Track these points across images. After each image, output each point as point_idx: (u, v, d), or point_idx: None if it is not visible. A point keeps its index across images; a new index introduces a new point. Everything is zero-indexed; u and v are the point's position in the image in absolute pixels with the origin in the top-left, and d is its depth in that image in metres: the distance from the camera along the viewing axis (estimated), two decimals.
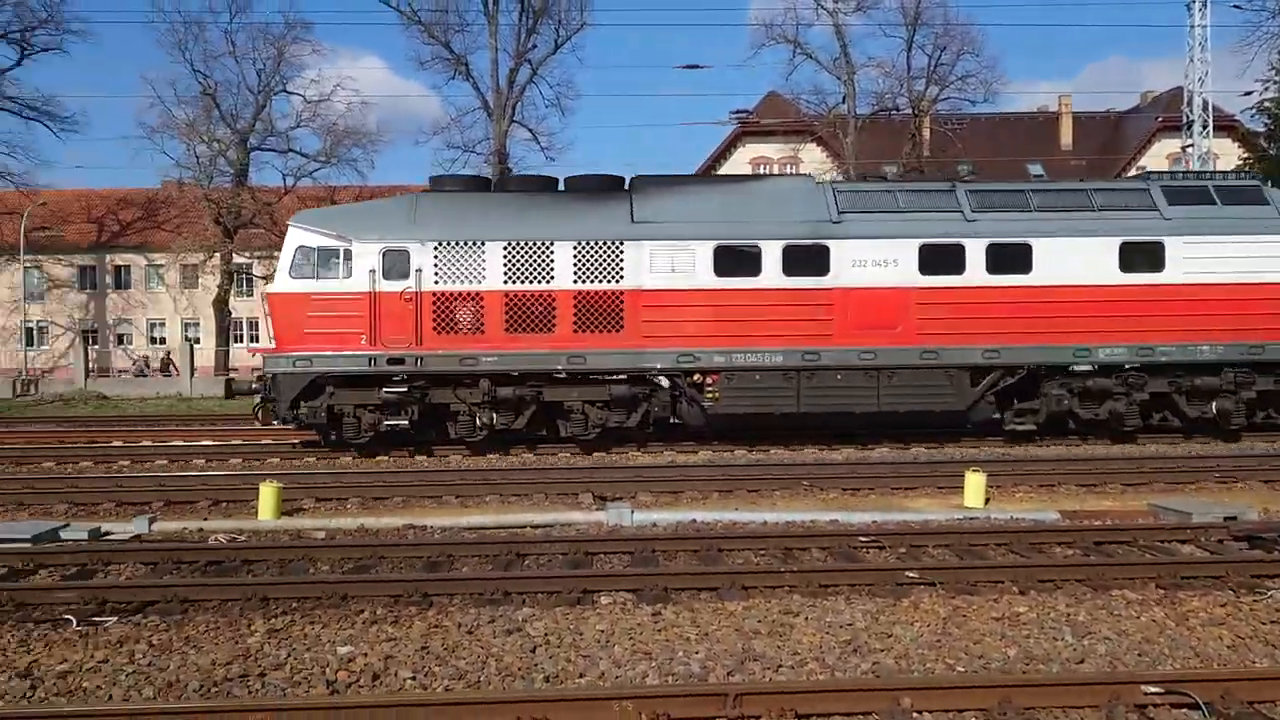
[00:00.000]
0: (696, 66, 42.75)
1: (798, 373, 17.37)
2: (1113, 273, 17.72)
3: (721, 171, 50.22)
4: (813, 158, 45.85)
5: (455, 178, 19.47)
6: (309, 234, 17.42)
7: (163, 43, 69.89)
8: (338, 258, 17.17)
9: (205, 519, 11.85)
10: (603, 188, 18.38)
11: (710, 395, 17.62)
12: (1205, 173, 20.74)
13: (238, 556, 9.70)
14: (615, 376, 17.41)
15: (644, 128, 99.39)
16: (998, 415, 18.33)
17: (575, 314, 17.26)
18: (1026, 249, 17.65)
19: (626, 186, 18.34)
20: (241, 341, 50.62)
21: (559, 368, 17.28)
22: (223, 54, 44.11)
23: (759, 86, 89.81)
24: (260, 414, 17.75)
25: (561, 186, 18.62)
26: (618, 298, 17.28)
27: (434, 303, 17.14)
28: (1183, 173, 20.62)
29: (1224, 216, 18.07)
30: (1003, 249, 17.63)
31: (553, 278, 17.25)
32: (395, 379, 17.09)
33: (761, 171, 50.33)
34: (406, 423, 17.17)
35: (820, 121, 43.71)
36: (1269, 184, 20.22)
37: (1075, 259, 17.65)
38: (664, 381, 17.68)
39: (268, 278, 30.86)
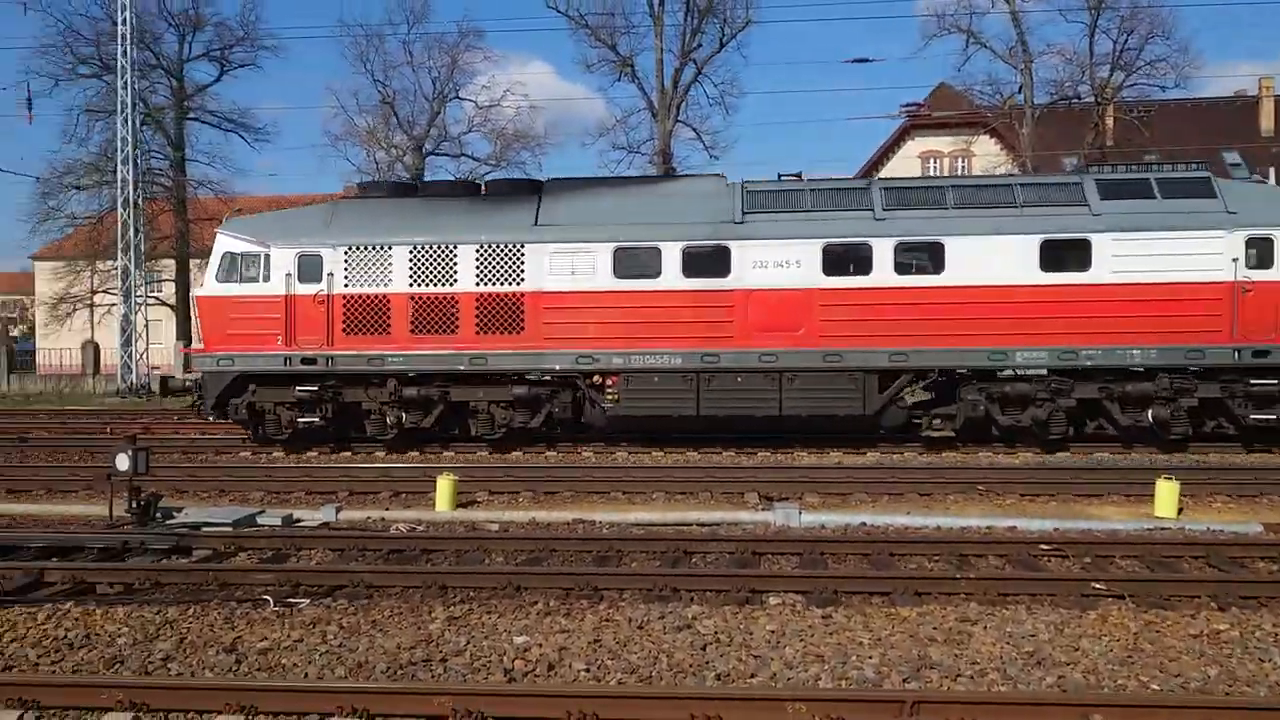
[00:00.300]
0: (865, 60, 42.42)
1: (697, 375, 17.11)
2: (1033, 272, 16.67)
3: (890, 166, 49.10)
4: (985, 150, 44.22)
5: (380, 184, 19.77)
6: (234, 240, 18.19)
7: (346, 55, 73.55)
8: (258, 262, 17.91)
9: (387, 509, 12.40)
10: (515, 191, 18.62)
11: (610, 397, 17.85)
12: (1158, 164, 18.47)
13: (417, 546, 10.09)
14: (518, 377, 17.57)
15: (810, 124, 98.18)
16: (919, 420, 17.81)
17: (477, 316, 17.48)
18: (939, 248, 16.87)
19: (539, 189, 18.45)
20: None
21: (462, 368, 17.52)
22: (401, 64, 46.04)
23: (928, 79, 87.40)
24: (199, 409, 18.68)
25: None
26: (519, 299, 17.42)
27: (344, 305, 17.66)
28: (1133, 164, 18.62)
29: (1162, 211, 16.66)
30: (912, 248, 16.98)
31: (456, 280, 17.54)
32: (308, 378, 17.73)
33: (931, 165, 48.98)
34: (318, 419, 17.82)
35: (994, 113, 42.13)
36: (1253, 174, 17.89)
37: (992, 258, 16.72)
38: (580, 382, 17.71)
39: None
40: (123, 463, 10.90)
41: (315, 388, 17.75)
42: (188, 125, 47.23)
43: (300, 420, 17.91)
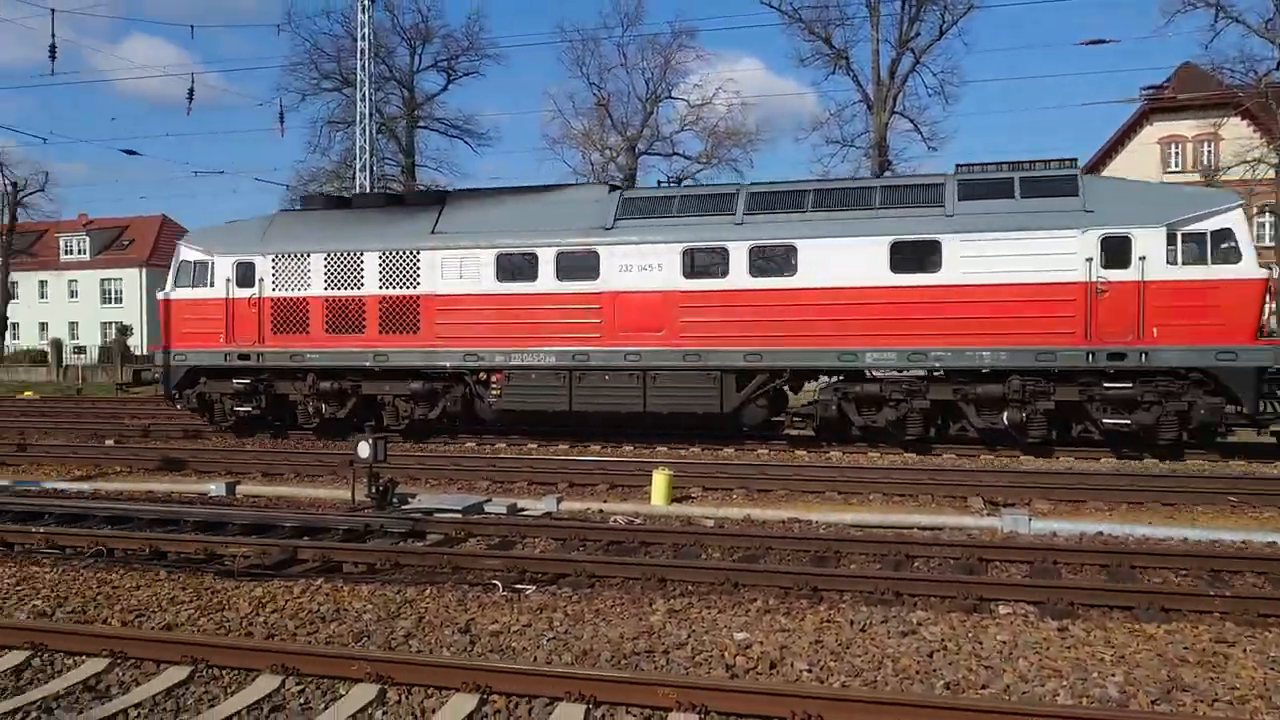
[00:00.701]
0: (1100, 41, 39.62)
1: (570, 373, 18.05)
2: (883, 274, 16.70)
3: (1126, 153, 46.13)
4: (1236, 133, 40.78)
5: (315, 198, 22.49)
6: (189, 250, 20.88)
7: (563, 60, 76.04)
8: (206, 269, 20.43)
9: (604, 501, 12.69)
10: (421, 202, 20.75)
11: (494, 392, 19.08)
12: (1032, 162, 17.23)
13: (635, 538, 10.28)
14: (416, 374, 19.21)
15: (1036, 111, 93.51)
16: (780, 418, 18.40)
17: (380, 316, 19.26)
18: (792, 250, 17.18)
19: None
20: None
21: (368, 364, 19.33)
22: (615, 66, 47.18)
23: (1168, 59, 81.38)
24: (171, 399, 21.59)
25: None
26: (415, 302, 19.03)
27: (272, 307, 19.89)
28: (1005, 164, 17.48)
29: (1018, 211, 16.30)
30: (766, 251, 17.37)
31: (362, 284, 19.40)
32: (244, 372, 20.12)
33: (1173, 152, 45.63)
34: (251, 408, 20.26)
35: (1247, 93, 38.78)
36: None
37: (843, 260, 16.85)
38: (468, 378, 19.18)
39: None
40: (364, 450, 11.66)
41: (249, 380, 20.18)
42: (417, 133, 50.00)
43: (238, 409, 20.39)
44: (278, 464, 15.86)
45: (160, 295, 21.61)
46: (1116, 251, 15.85)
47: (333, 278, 19.64)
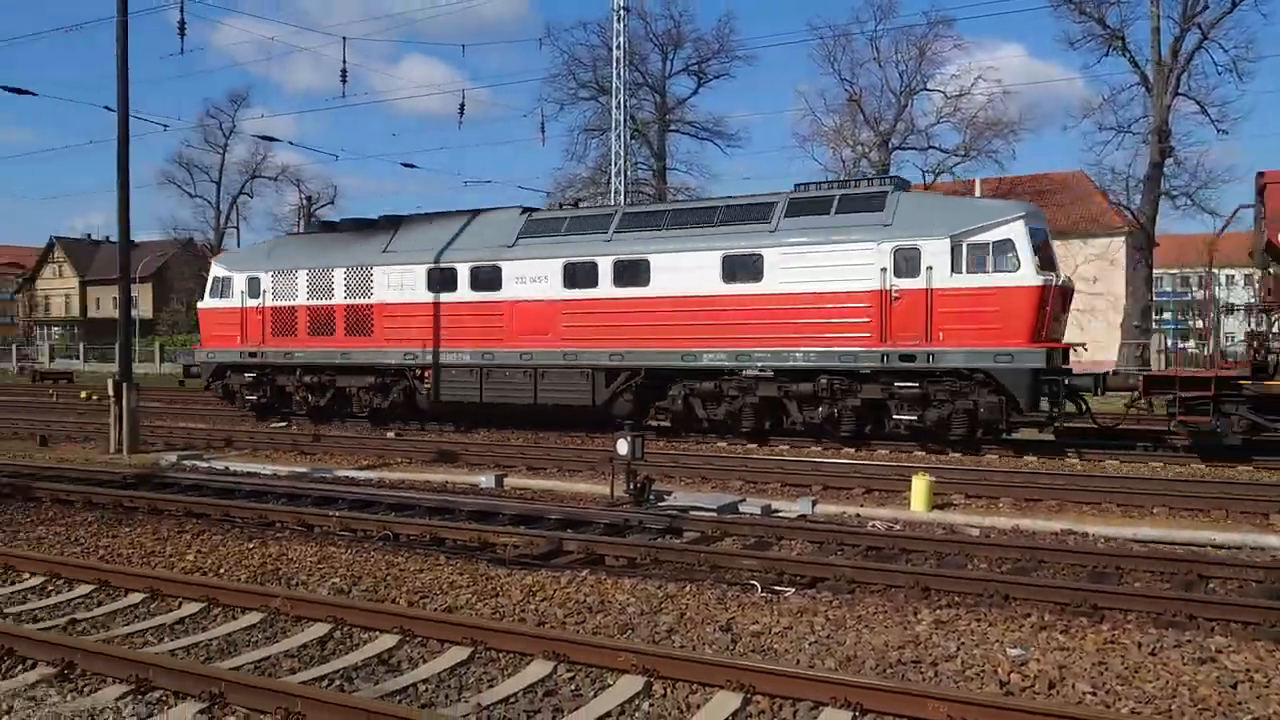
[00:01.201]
0: None
1: (480, 370, 21.04)
2: (716, 284, 18.61)
3: None
4: None
5: (314, 224, 27.87)
6: (217, 267, 26.02)
7: (814, 56, 75.16)
8: (228, 283, 24.91)
9: (861, 505, 12.43)
10: (379, 225, 24.00)
11: (426, 386, 22.02)
12: (858, 181, 19.95)
13: (895, 544, 9.99)
14: (370, 370, 22.83)
15: None
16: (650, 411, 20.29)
17: (345, 322, 23.02)
18: (646, 263, 19.35)
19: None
20: None
21: (337, 361, 23.13)
22: (867, 60, 46.15)
23: None
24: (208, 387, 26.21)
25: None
26: (369, 310, 22.66)
27: (272, 314, 24.04)
28: (834, 181, 20.42)
29: (830, 226, 17.86)
30: (627, 264, 19.55)
31: (333, 295, 23.20)
32: (252, 367, 24.43)
33: None
34: (257, 397, 24.48)
35: None
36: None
37: (685, 271, 18.84)
38: (408, 374, 22.40)
39: None
40: (622, 448, 11.98)
41: (255, 374, 24.38)
42: (668, 136, 50.95)
43: (248, 397, 24.71)
44: (540, 459, 16.59)
45: (200, 305, 26.70)
46: (907, 261, 17.19)
47: (313, 290, 23.59)
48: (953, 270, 16.86)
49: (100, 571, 8.53)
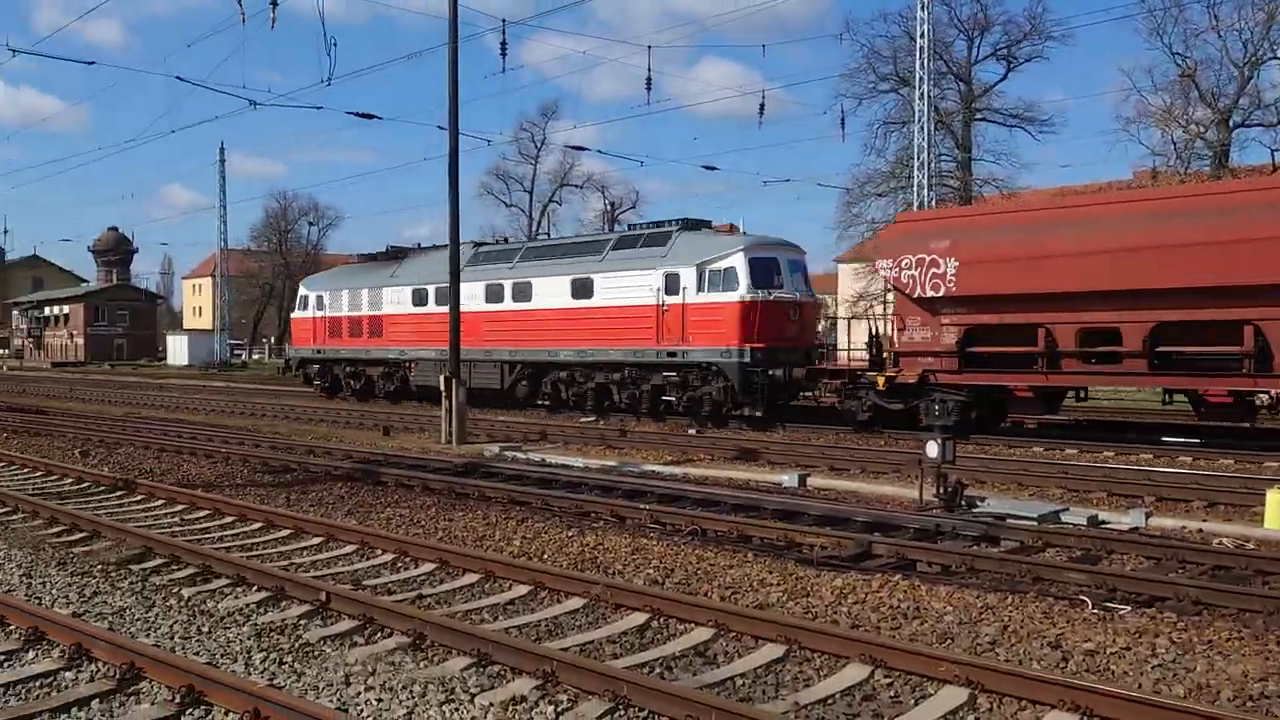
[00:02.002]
0: None
1: (437, 363, 26.24)
2: (567, 300, 25.80)
3: None
4: None
5: (361, 255, 36.30)
6: (302, 289, 36.49)
7: (1139, 30, 69.28)
8: (307, 300, 34.63)
9: (1204, 520, 11.29)
10: (393, 255, 32.97)
11: (412, 374, 29.85)
12: (663, 223, 25.47)
13: (1247, 564, 9.00)
14: (382, 362, 31.33)
15: None
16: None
17: (368, 328, 31.60)
18: (529, 285, 26.87)
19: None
20: None
21: (363, 356, 31.92)
22: (1204, 30, 41.80)
23: None
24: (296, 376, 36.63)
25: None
26: (381, 319, 31.08)
27: (328, 322, 33.37)
28: (650, 224, 26.43)
29: (634, 258, 24.53)
30: (520, 286, 27.09)
31: (361, 308, 31.90)
32: (317, 361, 34.10)
33: None
34: (321, 383, 34.06)
35: None
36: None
37: (551, 291, 26.20)
38: (402, 365, 30.77)
39: None
40: (932, 450, 11.58)
41: (318, 365, 34.16)
42: (974, 125, 48.78)
43: (315, 383, 34.61)
44: (843, 460, 16.37)
45: (291, 316, 37.56)
46: (673, 283, 23.30)
47: (350, 305, 32.52)
48: (698, 290, 22.89)
49: (441, 552, 9.32)
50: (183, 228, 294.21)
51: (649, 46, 34.57)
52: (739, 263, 22.44)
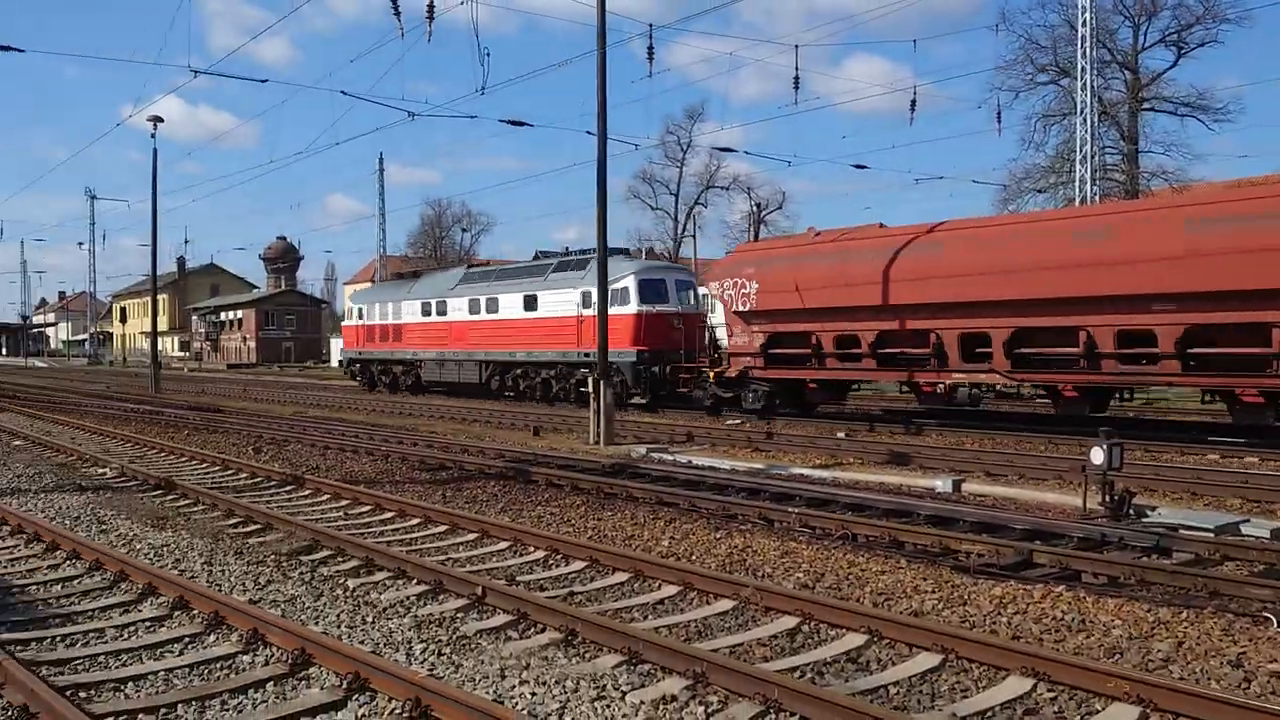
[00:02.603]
0: None
1: (438, 363, 35.74)
2: (521, 312, 32.06)
3: None
4: None
5: (395, 274, 46.81)
6: (348, 302, 45.39)
7: None
8: (354, 310, 41.94)
9: None
10: (410, 275, 42.48)
11: (421, 372, 37.31)
12: (590, 250, 29.34)
13: None
14: (401, 362, 38.65)
15: None
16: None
17: (393, 334, 38.67)
18: (497, 300, 33.34)
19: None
20: None
21: (390, 358, 38.83)
22: None
23: None
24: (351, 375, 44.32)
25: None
26: (401, 327, 38.22)
27: (366, 329, 40.35)
28: (580, 251, 32.40)
29: (562, 279, 30.69)
30: (492, 301, 33.68)
31: (388, 317, 38.94)
32: (360, 361, 40.96)
33: None
34: (363, 379, 40.97)
35: None
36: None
37: (512, 305, 32.57)
38: (415, 365, 38.07)
39: None
40: (1097, 456, 11.05)
41: (361, 365, 40.78)
42: (1141, 116, 46.48)
43: (358, 378, 41.32)
44: (999, 465, 15.81)
45: (342, 324, 46.21)
46: (588, 299, 27.22)
47: (381, 315, 39.42)
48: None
49: (591, 550, 9.45)
50: (345, 235, 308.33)
51: (796, 45, 34.00)
52: (631, 284, 28.48)
